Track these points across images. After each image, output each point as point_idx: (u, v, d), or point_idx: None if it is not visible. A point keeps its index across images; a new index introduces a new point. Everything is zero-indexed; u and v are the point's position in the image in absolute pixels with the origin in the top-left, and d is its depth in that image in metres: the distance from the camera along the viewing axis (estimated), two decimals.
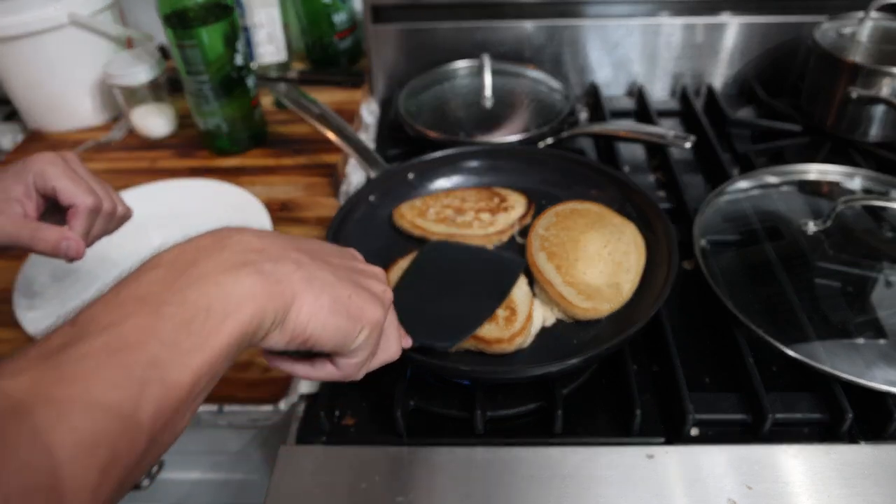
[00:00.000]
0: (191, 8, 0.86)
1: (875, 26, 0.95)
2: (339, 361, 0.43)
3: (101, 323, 0.31)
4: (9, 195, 0.56)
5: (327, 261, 0.41)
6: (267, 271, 0.36)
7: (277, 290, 0.36)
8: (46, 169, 0.57)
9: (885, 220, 0.77)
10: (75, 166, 0.60)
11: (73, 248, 0.57)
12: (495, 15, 1.08)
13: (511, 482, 0.55)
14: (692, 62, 1.10)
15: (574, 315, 0.66)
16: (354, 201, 0.78)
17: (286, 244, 0.39)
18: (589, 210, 0.77)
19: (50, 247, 0.57)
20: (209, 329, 0.32)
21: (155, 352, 0.31)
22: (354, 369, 0.44)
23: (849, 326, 0.64)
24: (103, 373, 0.29)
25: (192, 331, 0.32)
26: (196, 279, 0.33)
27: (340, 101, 1.11)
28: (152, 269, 0.34)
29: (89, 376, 0.29)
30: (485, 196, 0.81)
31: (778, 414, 0.59)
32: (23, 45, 0.99)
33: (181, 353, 0.31)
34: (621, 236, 0.73)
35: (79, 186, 0.58)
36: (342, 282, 0.40)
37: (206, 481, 0.81)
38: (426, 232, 0.76)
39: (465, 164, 0.86)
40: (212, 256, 0.35)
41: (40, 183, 0.58)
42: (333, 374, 0.44)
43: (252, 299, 0.34)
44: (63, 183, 0.58)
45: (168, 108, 1.06)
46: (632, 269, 0.69)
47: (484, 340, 0.62)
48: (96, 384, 0.29)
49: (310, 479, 0.56)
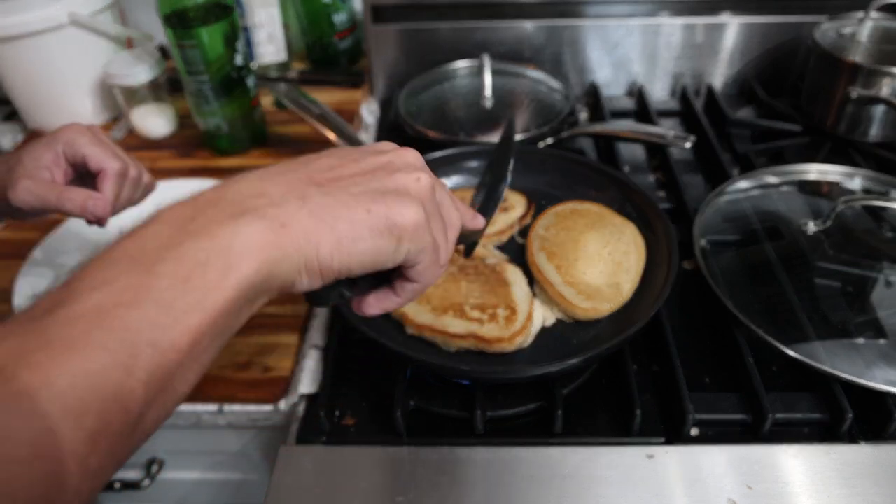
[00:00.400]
0: (191, 8, 0.86)
1: (875, 26, 0.95)
2: (410, 273, 0.39)
3: (91, 283, 0.29)
4: (39, 163, 0.59)
5: (340, 177, 0.37)
6: (270, 216, 0.33)
7: (285, 234, 0.33)
8: (76, 138, 0.61)
9: (885, 220, 0.77)
10: (102, 136, 0.63)
11: (99, 207, 0.59)
12: (495, 15, 1.08)
13: (511, 482, 0.55)
14: (692, 62, 1.10)
15: (574, 315, 0.66)
16: None
17: (292, 178, 0.36)
18: (589, 210, 0.77)
19: (77, 206, 0.59)
20: (208, 285, 0.30)
21: (149, 312, 0.29)
22: (430, 273, 0.40)
23: (849, 326, 0.64)
24: (92, 336, 0.27)
25: (188, 288, 0.30)
26: (193, 233, 0.31)
27: (340, 101, 1.11)
28: (149, 226, 0.32)
29: (76, 340, 0.27)
30: None
31: (778, 414, 0.59)
32: (23, 45, 0.99)
33: (177, 312, 0.29)
34: (621, 236, 0.73)
35: (107, 152, 0.62)
36: (358, 198, 0.36)
37: (206, 481, 0.81)
38: None
39: (465, 165, 0.86)
40: (210, 209, 0.33)
41: (70, 151, 0.61)
42: (417, 288, 0.41)
43: (256, 249, 0.32)
44: (92, 149, 0.61)
45: (168, 108, 1.06)
46: (632, 269, 0.69)
47: (484, 340, 0.62)
48: (84, 348, 0.27)
49: (310, 479, 0.56)
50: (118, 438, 0.28)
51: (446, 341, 0.63)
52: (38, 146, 0.60)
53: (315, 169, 0.37)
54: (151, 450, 0.78)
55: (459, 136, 0.92)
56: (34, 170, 0.59)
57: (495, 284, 0.68)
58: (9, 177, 0.59)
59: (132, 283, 0.29)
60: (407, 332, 0.65)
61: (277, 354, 0.69)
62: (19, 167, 0.59)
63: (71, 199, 0.59)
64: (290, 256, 0.33)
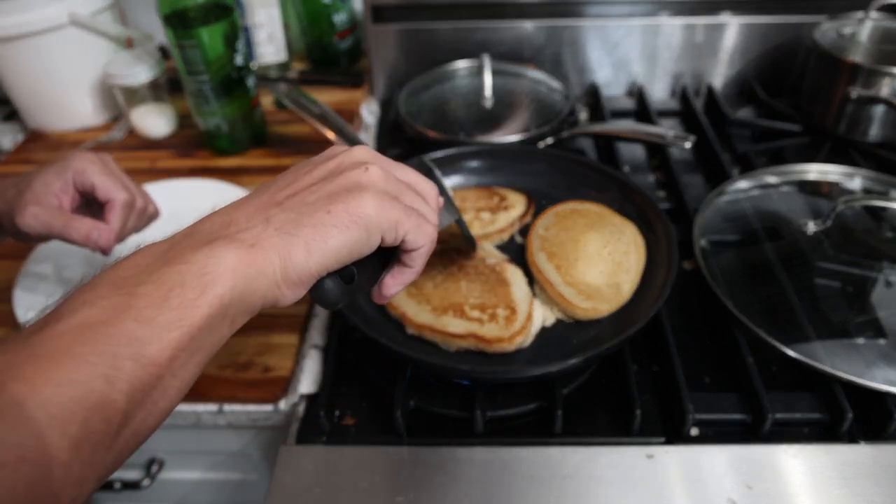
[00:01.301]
0: (191, 8, 0.86)
1: (875, 26, 0.95)
2: (406, 244, 0.42)
3: (74, 305, 0.32)
4: (48, 189, 0.61)
5: (297, 192, 0.40)
6: (240, 239, 0.36)
7: (255, 253, 0.36)
8: (86, 167, 0.62)
9: (885, 220, 0.77)
10: (112, 166, 0.65)
11: (103, 238, 0.61)
12: (495, 15, 1.08)
13: (511, 482, 0.55)
14: (692, 62, 1.10)
15: (574, 315, 0.66)
16: None
17: (256, 203, 0.39)
18: (589, 210, 0.77)
19: (82, 236, 0.61)
20: (186, 304, 0.33)
21: (129, 328, 0.31)
22: (422, 235, 0.42)
23: (849, 326, 0.64)
24: (76, 349, 0.30)
25: (167, 307, 0.32)
26: (170, 260, 0.34)
27: (340, 101, 1.11)
28: (129, 258, 0.35)
29: (62, 353, 0.29)
30: (484, 195, 0.81)
31: (778, 414, 0.59)
32: (23, 45, 0.99)
33: (156, 328, 0.31)
34: (621, 236, 0.73)
35: (116, 183, 0.63)
36: (316, 204, 0.39)
37: (206, 481, 0.81)
38: None
39: (464, 165, 0.86)
40: (184, 240, 0.36)
41: (80, 179, 0.62)
42: (422, 252, 0.44)
43: (230, 269, 0.34)
44: (101, 179, 0.63)
45: (168, 108, 1.06)
46: (632, 269, 0.69)
47: (484, 340, 0.62)
48: (68, 361, 0.29)
49: (310, 479, 0.56)
50: (100, 448, 0.30)
51: (446, 341, 0.63)
52: (49, 173, 0.62)
53: (274, 191, 0.40)
54: (151, 450, 0.78)
55: (459, 136, 0.92)
56: (43, 196, 0.60)
57: (495, 284, 0.68)
58: (17, 200, 0.60)
59: (114, 302, 0.32)
60: (407, 332, 0.65)
61: (277, 354, 0.69)
62: (28, 192, 0.60)
63: (76, 228, 0.60)
64: (264, 272, 0.36)
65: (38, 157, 1.04)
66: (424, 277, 0.68)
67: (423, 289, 0.67)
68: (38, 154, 1.05)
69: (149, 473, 0.77)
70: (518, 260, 0.73)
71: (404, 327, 0.65)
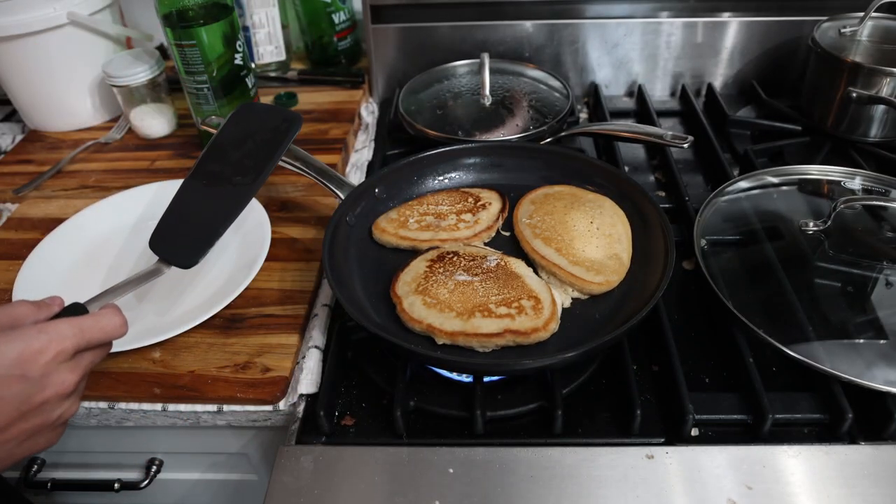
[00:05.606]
0: (190, 8, 0.86)
1: (875, 26, 0.95)
2: None
3: None
4: None
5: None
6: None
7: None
8: None
9: (885, 220, 0.77)
10: None
11: None
12: (495, 15, 1.08)
13: (511, 482, 0.55)
14: (692, 62, 1.10)
15: (591, 291, 0.68)
16: (335, 227, 0.74)
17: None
18: (561, 192, 0.79)
19: None
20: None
21: None
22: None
23: (849, 326, 0.64)
24: None
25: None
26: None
27: (340, 101, 1.11)
28: None
29: None
30: (458, 198, 0.81)
31: (778, 414, 0.59)
32: (23, 45, 0.99)
33: None
34: (602, 210, 0.76)
35: None
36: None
37: (206, 481, 0.81)
38: (415, 241, 0.75)
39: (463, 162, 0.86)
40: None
41: None
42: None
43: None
44: None
45: (167, 108, 1.06)
46: (623, 239, 0.73)
47: (521, 332, 0.61)
48: None
49: (310, 479, 0.56)
50: None
51: (482, 342, 0.62)
52: None
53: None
54: (151, 450, 0.78)
55: (458, 134, 0.92)
56: None
57: (507, 279, 0.68)
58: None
59: None
60: (438, 342, 0.63)
61: (277, 354, 0.69)
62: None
63: None
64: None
65: (37, 157, 1.04)
66: (434, 286, 0.67)
67: (438, 297, 0.66)
68: (37, 154, 1.05)
69: (148, 474, 0.77)
70: (513, 253, 0.73)
71: (434, 339, 0.63)
